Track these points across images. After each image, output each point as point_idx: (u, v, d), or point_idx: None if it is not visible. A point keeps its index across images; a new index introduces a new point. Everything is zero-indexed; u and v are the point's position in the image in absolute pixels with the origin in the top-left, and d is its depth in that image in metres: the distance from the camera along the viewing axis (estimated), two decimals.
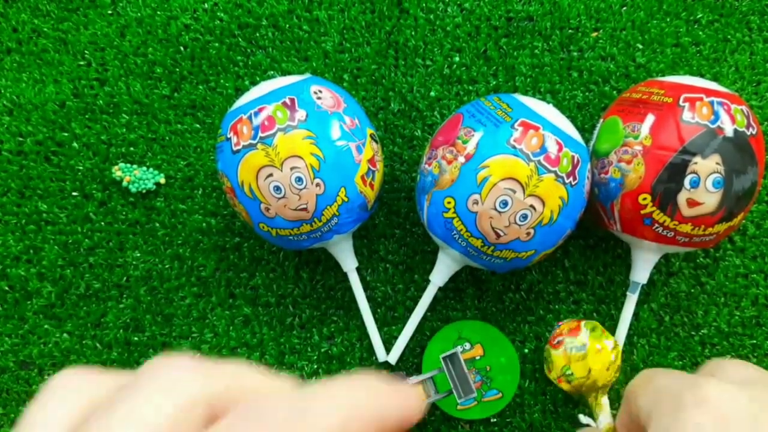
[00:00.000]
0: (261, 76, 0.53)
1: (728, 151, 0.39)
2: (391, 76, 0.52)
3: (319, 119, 0.41)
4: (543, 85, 0.52)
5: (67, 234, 0.51)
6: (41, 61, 0.53)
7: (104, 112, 0.52)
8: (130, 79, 0.53)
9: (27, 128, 0.52)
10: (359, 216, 0.44)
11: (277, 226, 0.42)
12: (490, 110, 0.41)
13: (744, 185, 0.40)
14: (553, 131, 0.40)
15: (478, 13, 0.53)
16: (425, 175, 0.42)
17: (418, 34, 0.53)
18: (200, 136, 0.52)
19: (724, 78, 0.52)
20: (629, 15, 0.52)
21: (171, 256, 0.51)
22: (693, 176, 0.39)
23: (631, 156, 0.41)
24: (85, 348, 0.50)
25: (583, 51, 0.52)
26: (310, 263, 0.51)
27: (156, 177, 0.51)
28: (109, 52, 0.53)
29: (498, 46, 0.53)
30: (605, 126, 0.44)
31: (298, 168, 0.40)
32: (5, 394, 0.50)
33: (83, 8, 0.54)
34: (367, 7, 0.53)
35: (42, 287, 0.50)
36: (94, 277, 0.51)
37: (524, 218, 0.39)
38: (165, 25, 0.53)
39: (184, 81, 0.53)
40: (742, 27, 0.52)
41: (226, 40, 0.53)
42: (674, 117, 0.40)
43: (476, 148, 0.40)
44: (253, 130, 0.40)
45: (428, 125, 0.52)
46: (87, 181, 0.52)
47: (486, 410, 0.47)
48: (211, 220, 0.51)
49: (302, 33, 0.53)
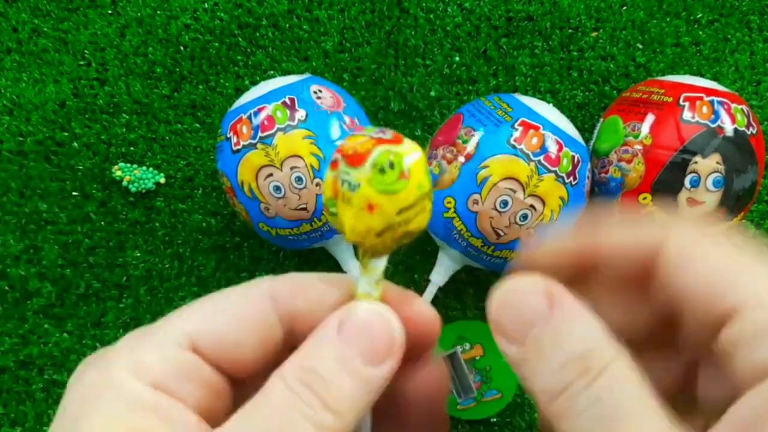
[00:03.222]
0: (261, 76, 0.53)
1: (728, 150, 0.39)
2: (390, 76, 0.52)
3: (319, 119, 0.41)
4: (543, 84, 0.52)
5: (67, 234, 0.51)
6: (41, 61, 0.53)
7: (104, 111, 0.52)
8: (130, 79, 0.53)
9: (27, 128, 0.52)
10: None
11: (277, 225, 0.42)
12: (490, 110, 0.41)
13: (744, 185, 0.40)
14: (553, 131, 0.40)
15: (478, 12, 0.53)
16: None
17: (418, 34, 0.53)
18: (200, 135, 0.52)
19: (724, 78, 0.52)
20: (629, 15, 0.52)
21: (171, 256, 0.51)
22: (693, 176, 0.39)
23: (631, 155, 0.41)
24: (85, 348, 0.50)
25: (583, 51, 0.52)
26: (310, 263, 0.51)
27: (156, 177, 0.51)
28: (109, 52, 0.53)
29: (498, 46, 0.53)
30: (605, 125, 0.44)
31: (298, 168, 0.40)
32: (5, 394, 0.49)
33: (83, 8, 0.54)
34: (367, 7, 0.53)
35: (42, 287, 0.50)
36: (94, 277, 0.51)
37: (524, 218, 0.39)
38: (165, 25, 0.53)
39: (184, 81, 0.53)
40: (742, 27, 0.52)
41: (226, 40, 0.53)
42: (674, 116, 0.40)
43: (476, 148, 0.40)
44: (253, 129, 0.40)
45: (428, 125, 0.52)
46: (87, 180, 0.52)
47: (486, 410, 0.47)
48: (211, 219, 0.51)
49: (302, 33, 0.53)
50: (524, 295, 0.16)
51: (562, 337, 0.15)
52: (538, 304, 0.16)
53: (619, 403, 0.14)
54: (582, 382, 0.14)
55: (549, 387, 0.15)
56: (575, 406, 0.14)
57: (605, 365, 0.14)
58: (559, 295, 0.16)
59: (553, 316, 0.15)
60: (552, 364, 0.15)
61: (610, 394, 0.14)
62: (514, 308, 0.16)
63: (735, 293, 0.14)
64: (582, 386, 0.14)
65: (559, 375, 0.15)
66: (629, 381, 0.14)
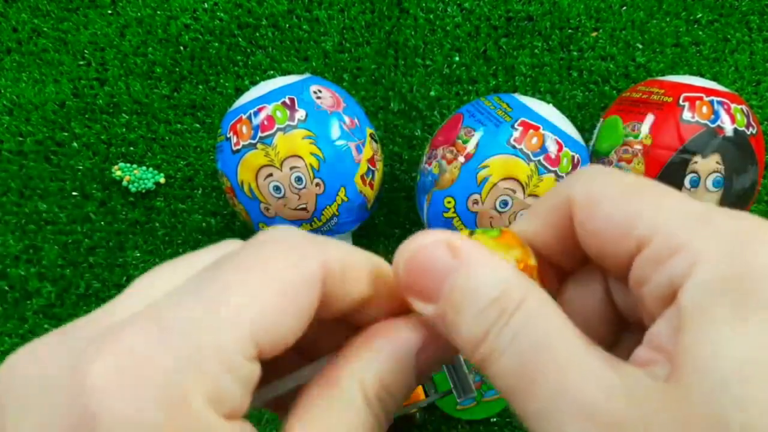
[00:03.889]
0: (261, 76, 0.53)
1: (728, 150, 0.39)
2: (390, 76, 0.52)
3: (319, 119, 0.41)
4: (543, 85, 0.52)
5: (67, 234, 0.51)
6: (41, 61, 0.53)
7: (104, 111, 0.52)
8: (130, 78, 0.53)
9: (27, 128, 0.52)
10: (359, 216, 0.44)
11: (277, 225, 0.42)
12: (490, 110, 0.41)
13: (744, 185, 0.40)
14: (553, 131, 0.40)
15: (478, 13, 0.53)
16: (425, 174, 0.42)
17: (418, 34, 0.53)
18: (200, 136, 0.52)
19: (724, 78, 0.52)
20: (629, 15, 0.52)
21: (171, 256, 0.51)
22: (693, 175, 0.39)
23: (631, 155, 0.41)
24: None
25: (582, 51, 0.52)
26: None
27: (156, 177, 0.51)
28: (109, 52, 0.53)
29: (498, 46, 0.53)
30: (605, 125, 0.44)
31: (298, 168, 0.40)
32: None
33: (83, 8, 0.54)
34: (367, 7, 0.53)
35: (42, 287, 0.50)
36: (94, 277, 0.51)
37: None
38: (165, 25, 0.53)
39: (184, 81, 0.53)
40: (741, 27, 0.52)
41: (226, 40, 0.53)
42: (674, 116, 0.40)
43: (476, 148, 0.40)
44: (253, 129, 0.40)
45: (428, 125, 0.52)
46: (87, 180, 0.52)
47: (486, 410, 0.47)
48: (211, 219, 0.51)
49: (302, 33, 0.53)
50: (428, 251, 0.16)
51: (472, 284, 0.15)
52: (442, 257, 0.15)
53: (537, 336, 0.14)
54: (499, 324, 0.14)
55: (471, 336, 0.15)
56: (496, 348, 0.14)
57: (519, 302, 0.14)
58: (461, 243, 0.15)
59: (460, 266, 0.15)
60: (469, 312, 0.15)
61: (526, 329, 0.14)
62: (421, 266, 0.16)
63: (638, 228, 0.15)
64: (499, 327, 0.14)
65: (477, 322, 0.15)
66: (544, 313, 0.14)
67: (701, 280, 0.13)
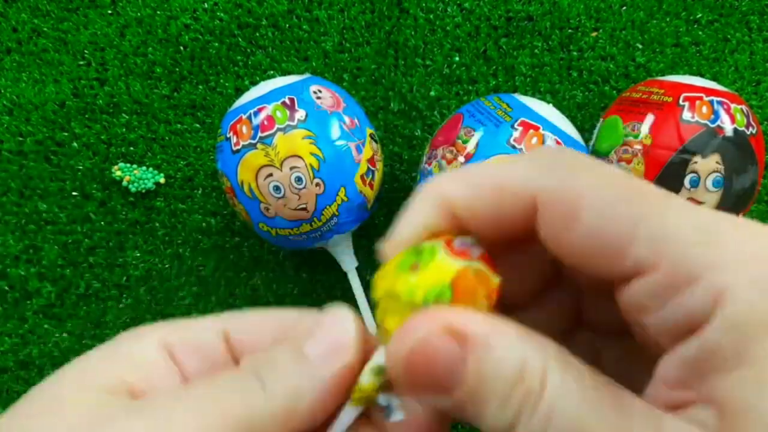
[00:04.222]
0: (261, 76, 0.53)
1: (728, 150, 0.39)
2: (390, 76, 0.52)
3: (319, 119, 0.41)
4: (543, 85, 0.52)
5: (67, 234, 0.51)
6: (41, 61, 0.53)
7: (104, 111, 0.52)
8: (130, 78, 0.53)
9: (27, 128, 0.52)
10: (359, 216, 0.44)
11: (276, 225, 0.42)
12: (490, 110, 0.41)
13: (744, 185, 0.40)
14: (553, 131, 0.40)
15: (478, 13, 0.53)
16: (425, 175, 0.42)
17: (418, 34, 0.53)
18: (200, 136, 0.52)
19: (724, 78, 0.52)
20: (629, 15, 0.52)
21: (171, 256, 0.51)
22: (693, 176, 0.39)
23: (631, 155, 0.41)
24: (85, 348, 0.50)
25: (582, 51, 0.52)
26: (310, 263, 0.51)
27: (156, 177, 0.51)
28: (109, 52, 0.53)
29: (498, 46, 0.53)
30: (605, 125, 0.44)
31: (298, 168, 0.40)
32: (5, 394, 0.49)
33: (83, 8, 0.54)
34: (367, 7, 0.53)
35: (42, 287, 0.50)
36: (94, 277, 0.51)
37: None
38: (165, 25, 0.53)
39: (184, 81, 0.53)
40: (741, 27, 0.52)
41: (226, 40, 0.53)
42: (674, 116, 0.40)
43: (476, 148, 0.40)
44: (253, 129, 0.40)
45: (428, 125, 0.52)
46: (87, 180, 0.52)
47: None
48: (211, 219, 0.51)
49: (302, 33, 0.53)
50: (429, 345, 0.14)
51: (490, 370, 0.13)
52: (447, 348, 0.14)
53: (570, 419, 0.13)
54: (528, 410, 0.13)
55: (499, 426, 0.14)
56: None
57: (542, 378, 0.13)
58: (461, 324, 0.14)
59: (470, 352, 0.14)
60: (493, 402, 0.13)
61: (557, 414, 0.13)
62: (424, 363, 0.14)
63: (635, 247, 0.13)
64: (529, 414, 0.13)
65: (503, 411, 0.13)
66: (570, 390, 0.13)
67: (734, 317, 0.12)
